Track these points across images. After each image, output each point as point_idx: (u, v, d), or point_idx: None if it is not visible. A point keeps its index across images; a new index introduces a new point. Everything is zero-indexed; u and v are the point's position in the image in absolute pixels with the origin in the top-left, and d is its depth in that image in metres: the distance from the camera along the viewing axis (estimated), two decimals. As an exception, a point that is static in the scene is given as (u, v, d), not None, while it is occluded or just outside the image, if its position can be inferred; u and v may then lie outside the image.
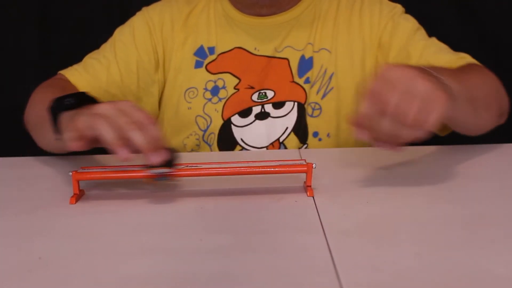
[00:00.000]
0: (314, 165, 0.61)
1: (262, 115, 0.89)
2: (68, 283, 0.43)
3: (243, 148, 0.88)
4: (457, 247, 0.48)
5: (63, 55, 0.96)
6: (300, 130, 0.88)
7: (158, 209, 0.58)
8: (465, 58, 0.87)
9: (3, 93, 1.24)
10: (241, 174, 0.61)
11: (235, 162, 0.62)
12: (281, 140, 0.89)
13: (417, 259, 0.46)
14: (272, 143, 0.88)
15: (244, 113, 0.90)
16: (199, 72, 0.92)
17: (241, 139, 0.89)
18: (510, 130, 0.95)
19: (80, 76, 0.90)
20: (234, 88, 0.91)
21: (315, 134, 0.89)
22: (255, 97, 0.90)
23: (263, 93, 0.90)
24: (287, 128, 0.89)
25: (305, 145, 0.88)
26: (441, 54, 0.88)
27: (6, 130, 1.19)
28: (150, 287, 0.42)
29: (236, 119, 0.89)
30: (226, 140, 0.89)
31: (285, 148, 0.88)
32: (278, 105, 0.90)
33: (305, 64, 0.91)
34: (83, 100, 0.67)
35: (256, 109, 0.89)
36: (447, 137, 0.84)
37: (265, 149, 0.89)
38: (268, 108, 0.89)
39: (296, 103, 0.90)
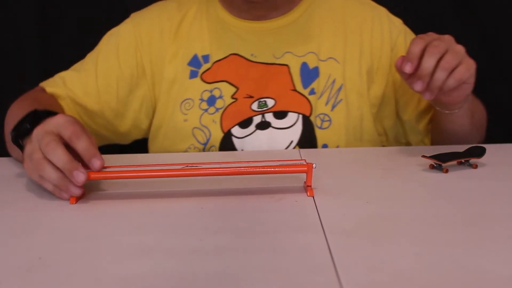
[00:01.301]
0: (314, 165, 0.61)
1: (263, 125, 0.86)
2: (68, 283, 0.43)
3: None
4: (457, 247, 0.48)
5: (63, 55, 0.96)
6: (307, 143, 0.86)
7: (158, 209, 0.58)
8: None
9: (3, 93, 1.24)
10: (241, 174, 0.61)
11: (235, 162, 0.62)
12: None
13: (417, 259, 0.46)
14: None
15: (245, 124, 0.86)
16: (194, 82, 0.89)
17: (242, 150, 0.86)
18: (510, 130, 0.96)
19: (58, 88, 0.88)
20: (232, 97, 0.87)
21: (324, 146, 0.86)
22: (254, 106, 0.87)
23: (263, 102, 0.87)
24: (291, 141, 0.86)
25: None
26: None
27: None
28: (150, 287, 0.42)
29: (236, 130, 0.86)
30: None
31: None
32: (279, 114, 0.86)
33: (310, 74, 0.88)
34: (38, 119, 0.64)
35: (257, 119, 0.86)
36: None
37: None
38: (269, 117, 0.86)
39: (300, 116, 0.86)
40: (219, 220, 0.55)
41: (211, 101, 0.88)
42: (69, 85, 0.89)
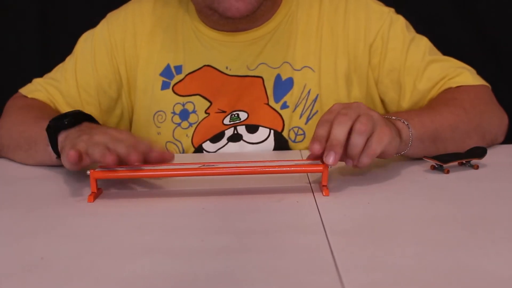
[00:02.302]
0: (330, 165, 0.60)
1: (235, 137, 0.84)
2: (70, 283, 0.43)
3: None
4: (457, 247, 0.48)
5: (63, 55, 0.96)
6: None
7: (159, 209, 0.59)
8: (456, 78, 0.83)
9: (3, 94, 1.24)
10: (258, 173, 0.61)
11: (249, 162, 0.62)
12: None
13: (418, 259, 0.46)
14: None
15: (216, 138, 0.85)
16: (166, 94, 0.87)
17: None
18: (510, 130, 0.96)
19: (41, 96, 0.88)
20: (205, 112, 0.85)
21: None
22: (227, 120, 0.85)
23: (236, 115, 0.85)
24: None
25: None
26: (430, 80, 0.84)
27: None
28: (150, 287, 0.42)
29: (207, 146, 0.85)
30: None
31: None
32: (251, 128, 0.84)
33: (282, 86, 0.85)
34: (79, 117, 0.67)
35: (229, 132, 0.85)
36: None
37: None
38: (241, 130, 0.84)
39: (272, 131, 0.84)
40: (220, 221, 0.55)
41: (184, 115, 0.86)
42: (52, 93, 0.88)
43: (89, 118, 0.70)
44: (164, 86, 0.87)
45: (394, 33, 0.86)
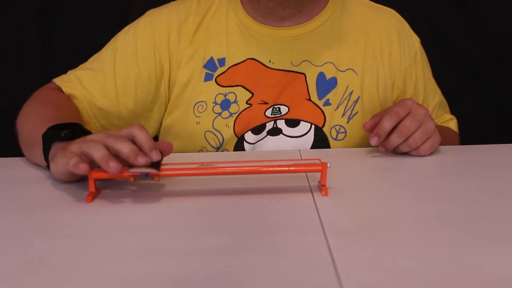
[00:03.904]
0: (329, 164, 0.61)
1: (274, 131, 0.86)
2: (68, 284, 0.43)
3: None
4: (457, 247, 0.48)
5: (63, 55, 0.97)
6: None
7: (157, 209, 0.58)
8: (449, 122, 0.98)
9: (3, 93, 1.24)
10: (257, 173, 0.61)
11: (248, 162, 0.62)
12: None
13: (417, 259, 0.46)
14: None
15: (257, 130, 0.86)
16: (209, 85, 0.87)
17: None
18: (510, 130, 0.96)
19: (75, 89, 0.87)
20: (247, 102, 0.86)
21: None
22: (268, 112, 0.86)
23: (277, 108, 0.86)
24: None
25: None
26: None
27: (8, 130, 1.19)
28: (150, 287, 0.42)
29: (249, 136, 0.86)
30: None
31: None
32: (291, 122, 0.86)
33: (326, 85, 0.87)
34: (77, 133, 0.66)
35: (269, 125, 0.86)
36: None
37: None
38: (281, 124, 0.86)
39: (313, 126, 0.86)
40: (219, 220, 0.55)
41: (225, 105, 0.87)
42: (86, 85, 0.87)
43: (88, 133, 0.68)
44: (207, 78, 0.88)
45: (421, 62, 0.95)
